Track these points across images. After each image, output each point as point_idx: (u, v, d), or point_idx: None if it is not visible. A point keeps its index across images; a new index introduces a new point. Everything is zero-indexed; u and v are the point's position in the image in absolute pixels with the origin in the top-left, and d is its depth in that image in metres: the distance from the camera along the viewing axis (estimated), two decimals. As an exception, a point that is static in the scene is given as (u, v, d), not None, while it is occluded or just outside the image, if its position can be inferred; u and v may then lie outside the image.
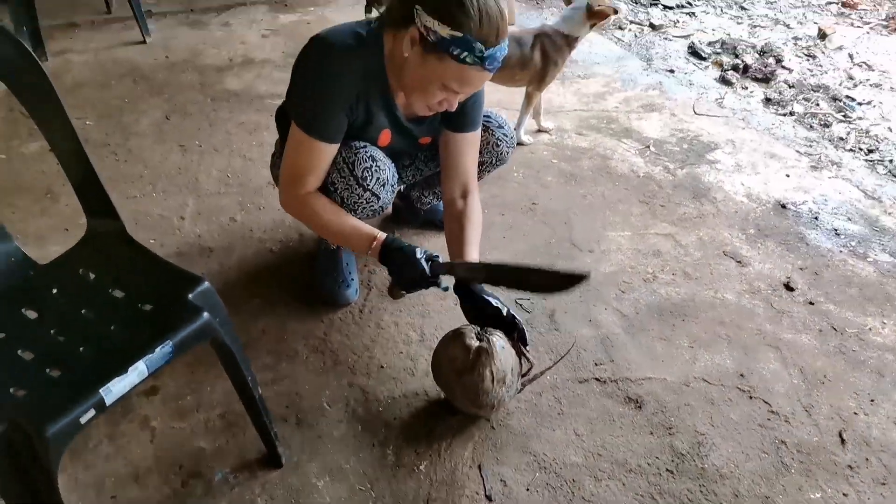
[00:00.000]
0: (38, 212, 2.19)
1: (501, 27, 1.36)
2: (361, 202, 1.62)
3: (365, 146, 1.61)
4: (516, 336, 1.54)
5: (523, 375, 1.55)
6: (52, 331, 1.15)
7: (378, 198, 1.64)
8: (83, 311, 1.19)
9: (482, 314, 1.55)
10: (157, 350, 1.06)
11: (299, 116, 1.52)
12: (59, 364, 1.08)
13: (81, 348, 1.11)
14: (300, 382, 1.67)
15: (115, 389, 1.01)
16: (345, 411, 1.60)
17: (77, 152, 1.27)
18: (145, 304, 1.18)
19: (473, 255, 1.63)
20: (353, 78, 1.48)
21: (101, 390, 0.99)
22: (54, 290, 1.24)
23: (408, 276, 1.48)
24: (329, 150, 1.54)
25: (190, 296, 1.16)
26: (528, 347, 1.55)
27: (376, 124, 1.61)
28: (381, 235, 1.53)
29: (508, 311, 1.54)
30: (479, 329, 1.50)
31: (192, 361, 1.67)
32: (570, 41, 2.55)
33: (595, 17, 2.49)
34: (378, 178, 1.61)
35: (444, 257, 1.53)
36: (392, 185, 1.68)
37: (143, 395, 1.59)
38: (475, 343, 1.45)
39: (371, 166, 1.60)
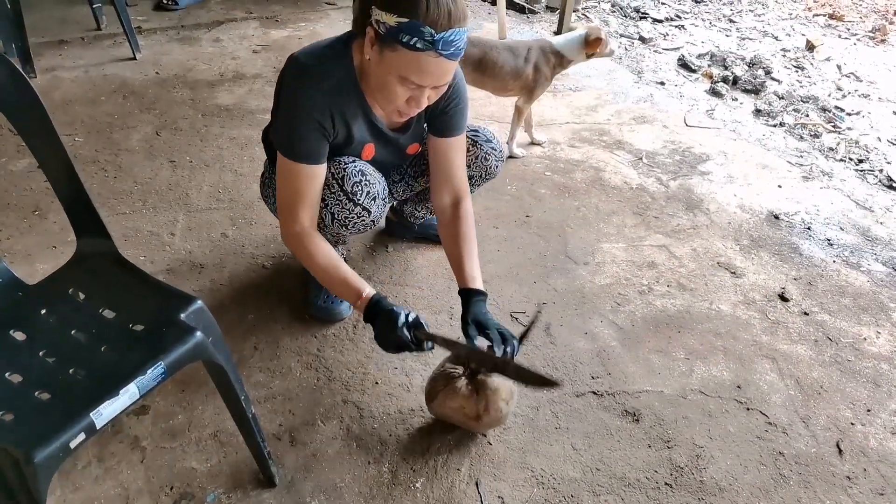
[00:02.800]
0: (25, 229, 2.16)
1: (454, 11, 1.31)
2: (352, 217, 1.61)
3: (354, 161, 1.61)
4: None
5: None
6: (41, 353, 1.13)
7: (369, 212, 1.63)
8: (73, 333, 1.16)
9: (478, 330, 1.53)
10: (149, 372, 1.04)
11: (280, 143, 1.51)
12: (48, 387, 1.06)
13: (71, 370, 1.09)
14: (294, 400, 1.65)
15: (105, 412, 0.99)
16: (339, 428, 1.58)
17: (67, 171, 1.26)
18: (136, 324, 1.16)
19: (474, 271, 1.60)
20: (322, 97, 1.47)
21: (91, 414, 0.97)
22: (43, 311, 1.21)
23: (390, 340, 1.44)
24: (315, 172, 1.52)
25: (182, 315, 1.14)
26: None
27: (358, 139, 1.60)
28: (368, 292, 1.48)
29: (504, 347, 1.48)
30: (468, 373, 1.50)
31: (184, 379, 1.65)
32: (563, 61, 2.57)
33: (591, 46, 2.52)
34: (368, 193, 1.60)
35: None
36: (383, 199, 1.67)
37: (134, 415, 1.56)
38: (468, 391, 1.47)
39: (361, 181, 1.59)
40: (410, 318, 1.44)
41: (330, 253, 1.55)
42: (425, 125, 1.69)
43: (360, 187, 1.59)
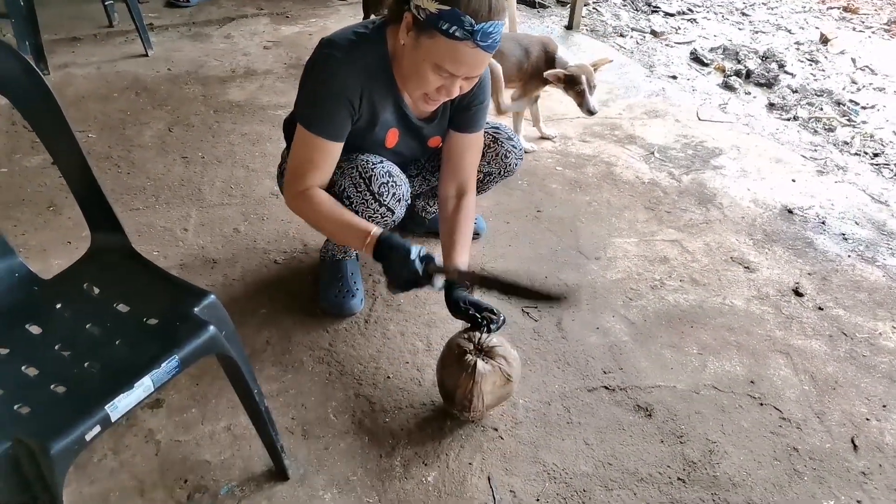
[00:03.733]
0: (40, 224, 2.18)
1: (494, 3, 1.32)
2: (376, 217, 1.63)
3: (381, 161, 1.62)
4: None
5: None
6: (56, 347, 1.14)
7: (392, 213, 1.65)
8: (88, 327, 1.17)
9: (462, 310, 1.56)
10: (163, 365, 1.05)
11: (301, 114, 1.53)
12: (63, 380, 1.07)
13: (86, 364, 1.09)
14: (306, 394, 1.66)
15: (120, 405, 0.99)
16: (351, 422, 1.59)
17: (81, 166, 1.27)
18: (150, 318, 1.17)
19: (462, 259, 1.63)
20: (354, 76, 1.48)
21: (106, 407, 0.98)
22: (58, 306, 1.22)
23: (402, 275, 1.44)
24: (330, 148, 1.53)
25: (195, 309, 1.15)
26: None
27: (383, 123, 1.60)
28: (376, 231, 1.48)
29: (486, 322, 1.53)
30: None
31: (197, 373, 1.66)
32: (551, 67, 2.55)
33: (564, 80, 2.47)
34: (394, 194, 1.62)
35: (439, 257, 1.50)
36: (406, 201, 1.68)
37: (148, 408, 1.58)
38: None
39: (388, 181, 1.60)
40: (422, 253, 1.44)
41: (334, 202, 1.55)
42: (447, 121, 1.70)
43: (386, 188, 1.60)
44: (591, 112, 2.47)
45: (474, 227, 1.78)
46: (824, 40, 4.00)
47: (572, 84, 2.45)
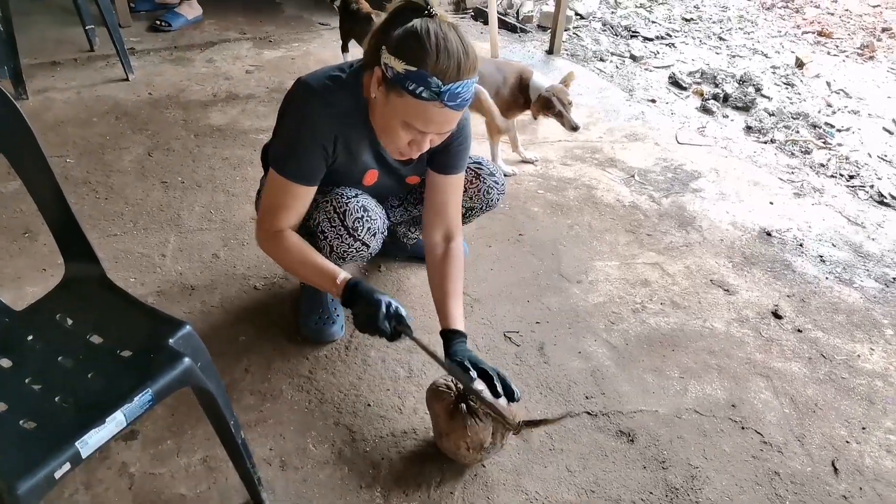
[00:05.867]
0: (15, 252, 2.15)
1: (464, 64, 1.31)
2: (351, 251, 1.63)
3: (356, 195, 1.61)
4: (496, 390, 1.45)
5: (517, 427, 1.46)
6: (27, 380, 1.11)
7: (368, 246, 1.65)
8: (60, 359, 1.15)
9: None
10: (136, 399, 1.03)
11: (274, 158, 1.52)
12: (33, 415, 1.04)
13: (57, 398, 1.07)
14: (285, 423, 1.63)
15: (91, 441, 0.97)
16: (331, 452, 1.57)
17: (55, 194, 1.25)
18: (124, 350, 1.15)
19: (456, 310, 1.59)
20: (328, 122, 1.48)
21: (76, 443, 0.96)
22: (30, 338, 1.20)
23: (367, 327, 1.43)
24: (303, 192, 1.53)
25: (170, 340, 1.13)
26: (516, 399, 1.47)
27: (360, 165, 1.60)
28: (343, 278, 1.47)
29: (491, 378, 1.45)
30: (458, 394, 1.48)
31: (173, 403, 1.63)
32: (524, 95, 2.60)
33: (538, 104, 2.54)
34: (369, 229, 1.62)
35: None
36: (382, 233, 1.68)
37: (122, 440, 1.54)
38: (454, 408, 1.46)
39: (362, 216, 1.60)
40: (392, 310, 1.42)
41: (301, 247, 1.55)
42: (426, 161, 1.68)
43: (361, 223, 1.60)
44: (574, 128, 2.51)
45: None
46: (800, 64, 4.08)
47: (548, 108, 2.49)
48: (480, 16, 4.59)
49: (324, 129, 1.48)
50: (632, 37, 4.52)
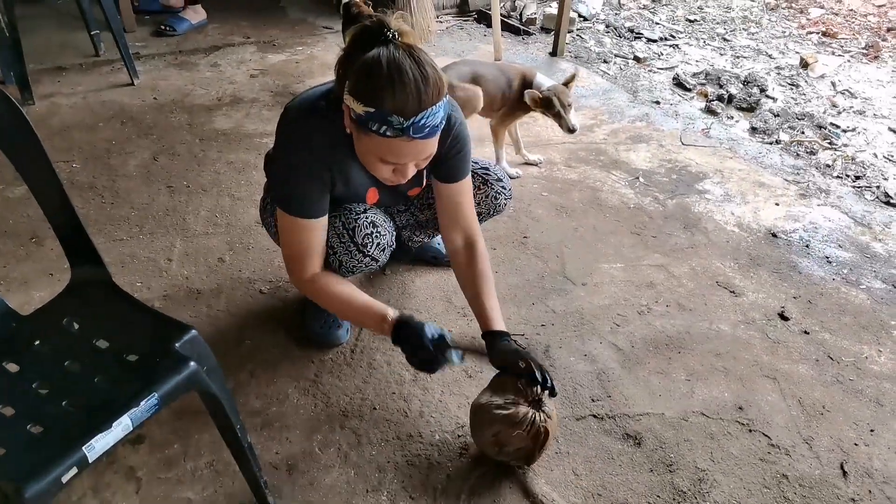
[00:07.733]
0: (22, 256, 2.16)
1: (424, 93, 1.27)
2: (361, 266, 1.64)
3: (365, 211, 1.62)
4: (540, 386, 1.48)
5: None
6: (33, 385, 1.12)
7: (377, 261, 1.66)
8: (66, 364, 1.15)
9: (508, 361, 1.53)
10: (143, 403, 1.03)
11: (279, 200, 1.53)
12: (40, 420, 1.05)
13: (64, 402, 1.07)
14: (291, 427, 1.63)
15: (98, 446, 0.97)
16: (337, 456, 1.57)
17: (60, 200, 1.25)
18: (130, 354, 1.15)
19: (494, 309, 1.60)
20: (318, 155, 1.47)
21: (83, 447, 0.96)
22: (37, 342, 1.21)
23: (417, 360, 1.47)
24: (316, 225, 1.53)
25: (177, 345, 1.14)
26: (555, 395, 1.52)
27: (359, 188, 1.61)
28: (393, 315, 1.49)
29: (539, 373, 1.48)
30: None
31: (179, 408, 1.63)
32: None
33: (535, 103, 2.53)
34: (378, 244, 1.63)
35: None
36: (391, 246, 1.69)
37: (129, 444, 1.55)
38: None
39: (372, 233, 1.61)
40: (434, 334, 1.44)
41: (343, 288, 1.57)
42: (427, 171, 1.66)
43: (370, 239, 1.60)
44: (570, 130, 2.51)
45: None
46: (804, 65, 4.06)
47: (548, 107, 2.49)
48: (484, 18, 4.59)
49: (315, 166, 1.48)
50: (635, 38, 4.51)
